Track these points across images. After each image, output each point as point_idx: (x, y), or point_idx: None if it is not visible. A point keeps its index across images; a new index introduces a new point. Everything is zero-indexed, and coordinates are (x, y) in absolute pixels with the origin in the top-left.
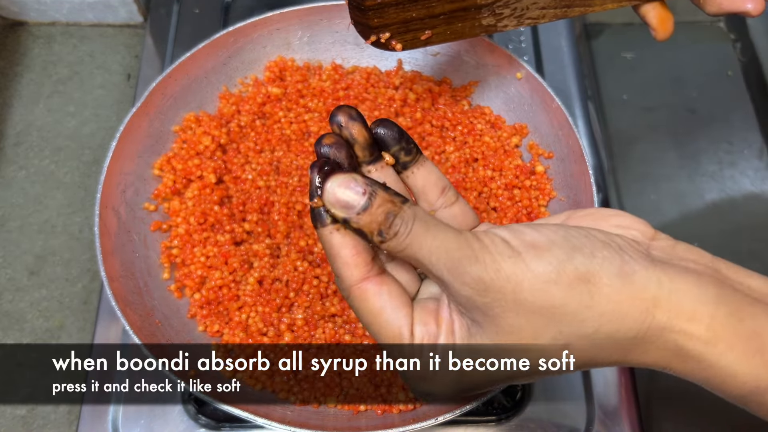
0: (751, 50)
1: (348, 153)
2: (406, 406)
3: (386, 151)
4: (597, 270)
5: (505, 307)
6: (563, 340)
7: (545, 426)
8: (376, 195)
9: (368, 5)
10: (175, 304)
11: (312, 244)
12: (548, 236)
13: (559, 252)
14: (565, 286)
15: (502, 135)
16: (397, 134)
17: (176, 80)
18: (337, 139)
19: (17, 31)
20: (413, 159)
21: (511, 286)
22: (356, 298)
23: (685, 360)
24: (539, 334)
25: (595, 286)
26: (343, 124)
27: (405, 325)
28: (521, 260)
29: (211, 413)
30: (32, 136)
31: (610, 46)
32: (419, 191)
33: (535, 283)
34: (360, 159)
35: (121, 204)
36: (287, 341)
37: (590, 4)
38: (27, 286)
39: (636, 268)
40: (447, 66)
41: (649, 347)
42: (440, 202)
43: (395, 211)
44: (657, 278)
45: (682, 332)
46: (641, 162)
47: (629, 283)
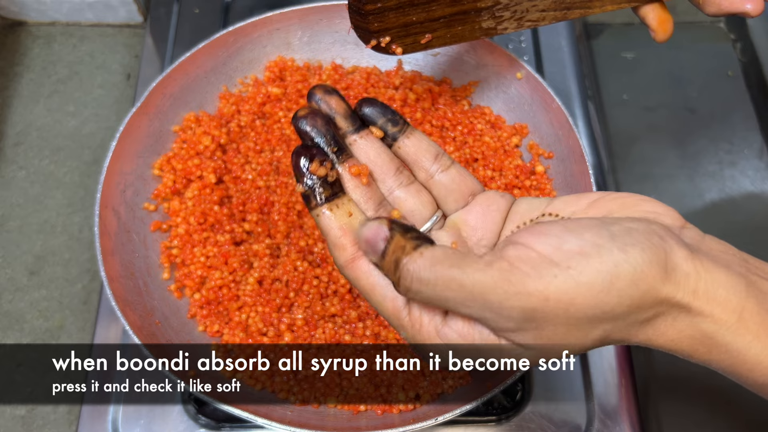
0: (752, 50)
1: (323, 122)
2: (406, 406)
3: (373, 125)
4: (645, 272)
5: (555, 322)
6: (602, 335)
7: (545, 426)
8: (392, 238)
9: (368, 9)
10: (175, 304)
11: (312, 244)
12: (593, 240)
13: (608, 259)
14: (615, 295)
15: (502, 135)
16: (380, 108)
17: (176, 80)
18: (311, 109)
19: (17, 31)
20: (401, 129)
21: (563, 305)
22: (349, 277)
23: (712, 349)
24: (586, 336)
25: (644, 286)
26: (319, 97)
27: (400, 297)
28: (569, 276)
29: (211, 413)
30: (32, 136)
31: (610, 46)
32: (412, 160)
33: (588, 297)
34: (343, 130)
35: (120, 204)
36: (287, 341)
37: (590, 7)
38: (27, 286)
39: (678, 261)
40: (447, 66)
41: (679, 334)
42: (435, 168)
43: (402, 259)
44: (695, 269)
45: (714, 321)
46: (641, 162)
47: (674, 277)
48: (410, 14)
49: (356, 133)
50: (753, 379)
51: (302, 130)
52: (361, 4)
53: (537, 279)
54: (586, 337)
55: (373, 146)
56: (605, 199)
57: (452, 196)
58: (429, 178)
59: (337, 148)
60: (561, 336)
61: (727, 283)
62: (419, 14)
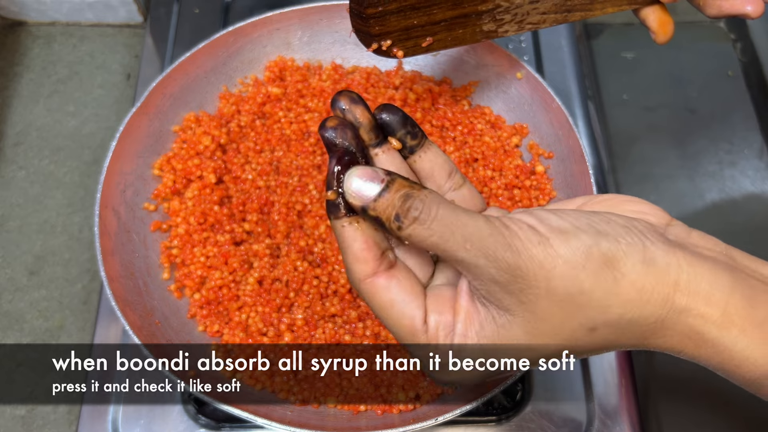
0: (752, 50)
1: (354, 134)
2: (406, 406)
3: (392, 136)
4: (622, 256)
5: (538, 294)
6: (589, 325)
7: (545, 426)
8: (394, 181)
9: (369, 13)
10: (174, 304)
11: (312, 244)
12: (572, 222)
13: (585, 237)
14: (591, 273)
15: (502, 135)
16: (401, 118)
17: (176, 80)
18: (341, 120)
19: (17, 31)
20: (419, 143)
21: (544, 272)
22: (366, 293)
23: (700, 344)
24: (568, 320)
25: (620, 272)
26: (345, 107)
27: (418, 316)
28: (550, 246)
29: (211, 413)
30: (32, 136)
31: (610, 46)
32: (427, 175)
33: (565, 269)
34: (365, 143)
35: (120, 204)
36: (287, 341)
37: (590, 9)
38: (27, 286)
39: (657, 253)
40: (447, 66)
41: (667, 331)
42: (448, 186)
43: (414, 193)
44: (677, 262)
45: (699, 316)
46: (641, 162)
47: (652, 268)
48: (411, 18)
49: (378, 147)
50: (741, 375)
51: (331, 142)
52: (363, 8)
53: (524, 241)
54: (568, 319)
55: (393, 162)
56: (592, 202)
57: None
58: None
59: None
60: (544, 313)
61: (711, 277)
62: (420, 18)
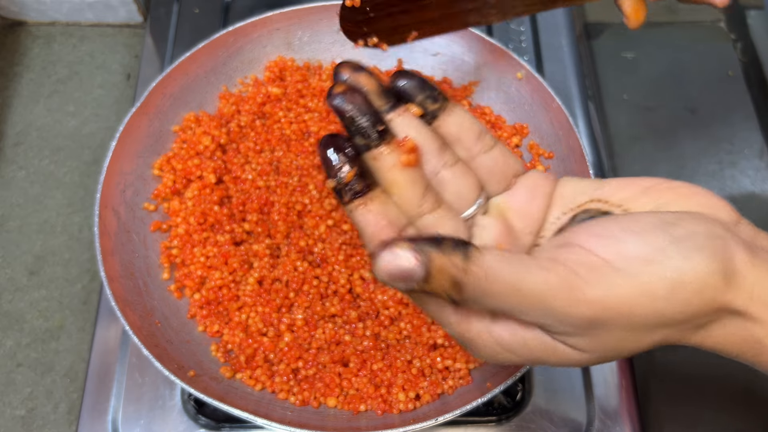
0: (752, 50)
1: (364, 98)
2: (406, 406)
3: (411, 102)
4: (709, 281)
5: (614, 329)
6: (657, 339)
7: (545, 426)
8: (430, 260)
9: (359, 19)
10: (174, 305)
11: (312, 244)
12: (655, 245)
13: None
14: (677, 303)
15: (503, 135)
16: (418, 83)
17: (176, 80)
18: (348, 86)
19: (17, 31)
20: (441, 106)
21: (624, 313)
22: None
23: (761, 351)
24: (641, 340)
25: (708, 295)
26: (347, 77)
27: None
28: (632, 285)
29: (211, 413)
30: (32, 136)
31: (610, 45)
32: (454, 139)
33: (649, 305)
34: (377, 109)
35: (120, 204)
36: (287, 341)
37: None
38: (26, 286)
39: (739, 266)
40: (447, 66)
41: (729, 337)
42: (478, 148)
43: (459, 276)
44: (755, 273)
45: (764, 325)
46: (641, 162)
47: (734, 283)
48: (401, 20)
49: (392, 111)
50: None
51: (341, 108)
52: (353, 16)
53: (597, 287)
54: (641, 342)
55: (412, 124)
56: (658, 188)
57: (495, 178)
58: (470, 158)
59: (382, 128)
60: (616, 340)
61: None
62: (409, 19)
